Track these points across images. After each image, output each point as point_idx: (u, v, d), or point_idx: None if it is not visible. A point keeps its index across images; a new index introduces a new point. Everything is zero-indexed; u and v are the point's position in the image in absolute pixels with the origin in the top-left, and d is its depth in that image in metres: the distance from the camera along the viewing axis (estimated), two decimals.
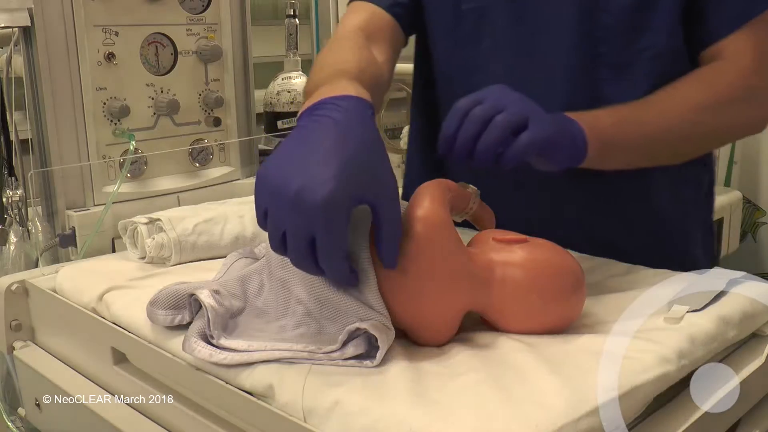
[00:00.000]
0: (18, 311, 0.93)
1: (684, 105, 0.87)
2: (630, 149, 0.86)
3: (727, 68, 0.89)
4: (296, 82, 1.71)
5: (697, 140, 0.90)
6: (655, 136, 0.86)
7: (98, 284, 0.85)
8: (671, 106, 0.87)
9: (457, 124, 0.74)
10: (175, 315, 0.72)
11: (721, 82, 0.89)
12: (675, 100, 0.87)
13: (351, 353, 0.64)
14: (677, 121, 0.87)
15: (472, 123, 0.73)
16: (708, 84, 0.89)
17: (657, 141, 0.87)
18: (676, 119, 0.87)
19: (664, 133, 0.87)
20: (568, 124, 0.79)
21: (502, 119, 0.72)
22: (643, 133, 0.85)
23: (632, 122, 0.85)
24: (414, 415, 0.55)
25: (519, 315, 0.69)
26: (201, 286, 0.71)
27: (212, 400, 0.68)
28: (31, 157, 1.14)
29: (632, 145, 0.86)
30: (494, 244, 0.71)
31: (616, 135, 0.83)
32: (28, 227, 1.16)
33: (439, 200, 0.69)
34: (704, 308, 0.72)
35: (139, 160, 1.19)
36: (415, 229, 0.67)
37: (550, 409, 0.55)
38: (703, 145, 0.94)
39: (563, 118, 0.80)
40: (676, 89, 0.88)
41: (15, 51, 1.13)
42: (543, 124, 0.74)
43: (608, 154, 0.83)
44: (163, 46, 1.21)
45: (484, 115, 0.73)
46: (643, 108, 0.87)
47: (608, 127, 0.83)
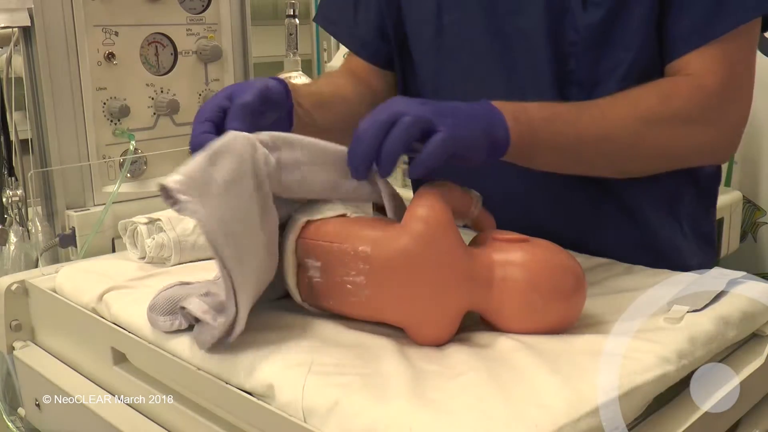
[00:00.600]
0: (18, 311, 0.93)
1: (629, 113, 0.82)
2: (560, 150, 0.80)
3: (688, 83, 0.84)
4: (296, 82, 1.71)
5: (639, 155, 0.84)
6: (589, 139, 0.81)
7: (98, 284, 0.85)
8: (615, 111, 0.82)
9: (361, 135, 0.71)
10: (173, 320, 0.72)
11: (677, 96, 0.83)
12: (621, 106, 0.82)
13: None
14: (617, 128, 0.81)
15: (374, 130, 0.69)
16: (662, 96, 0.83)
17: (591, 145, 0.81)
18: (616, 126, 0.81)
19: (600, 139, 0.81)
20: (486, 114, 0.75)
21: (404, 124, 0.68)
22: (575, 134, 0.80)
23: (566, 121, 0.80)
24: (414, 415, 0.55)
25: (519, 315, 0.69)
26: (190, 293, 0.71)
27: (212, 400, 0.68)
28: (31, 157, 1.14)
29: (562, 146, 0.80)
30: (495, 244, 0.71)
31: (544, 131, 0.78)
32: (28, 227, 1.16)
33: (441, 200, 0.69)
34: (704, 308, 0.72)
35: (139, 160, 1.19)
36: (416, 227, 0.67)
37: (550, 409, 0.55)
38: (648, 163, 0.87)
39: (479, 110, 0.75)
40: (627, 96, 0.83)
41: (15, 51, 1.13)
42: (451, 124, 0.70)
43: (535, 151, 0.78)
44: (163, 46, 1.21)
45: (384, 121, 0.69)
46: (583, 108, 0.82)
47: (537, 120, 0.78)
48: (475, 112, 0.75)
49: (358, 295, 0.69)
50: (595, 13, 0.86)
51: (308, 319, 0.75)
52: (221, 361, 0.67)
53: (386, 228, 0.70)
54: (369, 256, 0.67)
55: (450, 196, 0.71)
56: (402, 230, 0.68)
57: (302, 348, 0.68)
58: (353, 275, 0.68)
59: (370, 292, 0.68)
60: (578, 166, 0.85)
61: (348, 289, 0.69)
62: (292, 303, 0.78)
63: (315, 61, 2.94)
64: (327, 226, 0.73)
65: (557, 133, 0.80)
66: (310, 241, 0.72)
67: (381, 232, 0.69)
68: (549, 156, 0.81)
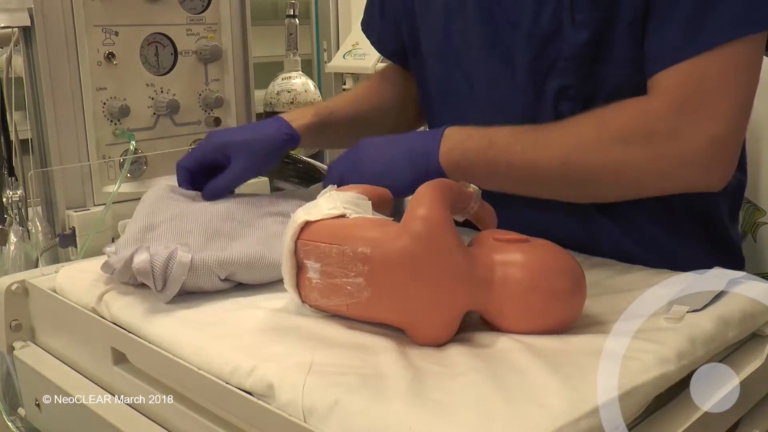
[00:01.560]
0: (18, 311, 0.93)
1: (560, 140, 0.84)
2: (493, 176, 0.87)
3: (634, 105, 0.82)
4: (296, 82, 1.71)
5: (576, 182, 0.84)
6: (519, 167, 0.85)
7: (98, 284, 0.85)
8: (547, 139, 0.84)
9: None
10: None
11: (618, 118, 0.82)
12: (554, 133, 0.85)
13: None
14: (544, 157, 0.84)
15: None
16: (602, 120, 0.83)
17: (520, 173, 0.86)
18: (543, 155, 0.84)
19: (528, 167, 0.85)
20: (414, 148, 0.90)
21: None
22: (506, 162, 0.86)
23: (499, 149, 0.86)
24: (414, 415, 0.55)
25: (519, 315, 0.69)
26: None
27: (212, 400, 0.68)
28: (31, 157, 1.14)
29: (495, 173, 0.86)
30: (495, 244, 0.71)
31: (478, 159, 0.86)
32: (28, 227, 1.16)
33: (440, 200, 0.69)
34: (704, 308, 0.72)
35: (139, 160, 1.19)
36: (415, 227, 0.67)
37: (550, 409, 0.55)
38: (587, 189, 0.86)
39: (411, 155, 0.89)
40: (567, 122, 0.86)
41: (15, 51, 1.13)
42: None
43: (471, 176, 0.82)
44: (163, 46, 1.21)
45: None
46: (519, 136, 0.86)
47: (472, 150, 0.87)
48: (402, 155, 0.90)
49: (358, 296, 0.69)
50: (582, 32, 0.86)
51: (308, 319, 0.75)
52: (221, 360, 0.67)
53: (385, 229, 0.70)
54: (368, 257, 0.67)
55: (449, 193, 0.71)
56: (401, 231, 0.68)
57: (302, 348, 0.68)
58: (353, 276, 0.68)
59: (369, 293, 0.68)
60: (522, 191, 0.89)
61: (347, 291, 0.69)
62: (292, 303, 0.78)
63: (315, 61, 2.94)
64: (326, 226, 0.73)
65: (489, 162, 0.86)
66: (309, 242, 0.72)
67: (380, 232, 0.69)
68: (487, 181, 0.84)
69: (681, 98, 0.80)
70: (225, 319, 0.76)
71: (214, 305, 0.80)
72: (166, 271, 0.78)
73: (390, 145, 0.92)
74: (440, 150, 0.88)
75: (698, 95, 0.79)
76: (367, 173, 0.89)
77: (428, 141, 0.90)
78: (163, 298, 0.79)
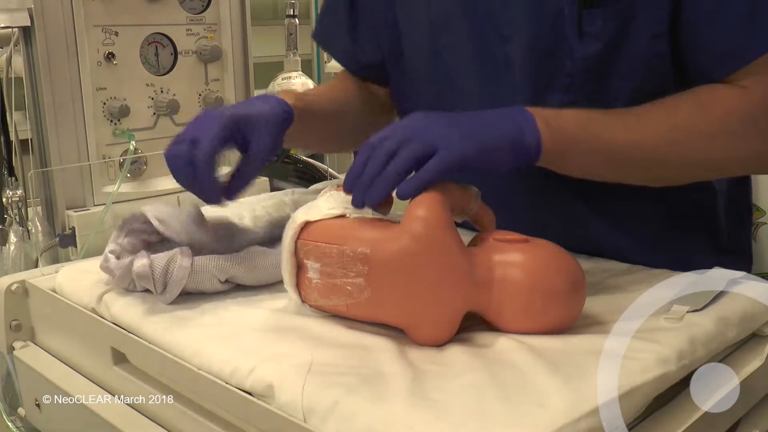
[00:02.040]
0: (18, 311, 0.93)
1: (665, 121, 0.79)
2: (593, 155, 0.80)
3: (730, 94, 0.80)
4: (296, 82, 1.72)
5: (674, 164, 0.81)
6: (623, 146, 0.79)
7: (98, 284, 0.85)
8: (650, 119, 0.80)
9: (364, 160, 0.72)
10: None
11: (718, 107, 0.79)
12: (657, 114, 0.80)
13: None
14: (651, 136, 0.79)
15: (378, 157, 0.71)
16: (702, 106, 0.80)
17: (624, 152, 0.80)
18: (650, 133, 0.79)
19: (634, 146, 0.79)
20: (515, 119, 0.75)
21: (406, 152, 0.70)
22: (609, 139, 0.79)
23: (600, 126, 0.79)
24: (414, 415, 0.55)
25: (519, 315, 0.69)
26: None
27: (212, 400, 0.68)
28: (31, 157, 1.14)
29: (595, 151, 0.79)
30: (494, 244, 0.71)
31: (577, 135, 0.78)
32: (28, 227, 1.16)
33: (440, 200, 0.69)
34: (704, 308, 0.72)
35: (139, 160, 1.19)
36: (415, 228, 0.67)
37: (550, 409, 0.55)
38: (682, 172, 0.84)
39: (508, 115, 0.76)
40: (663, 104, 0.80)
41: (15, 51, 1.13)
42: (452, 147, 0.70)
43: (568, 155, 0.78)
44: (163, 46, 1.21)
45: (389, 148, 0.71)
46: (618, 115, 0.80)
47: (570, 124, 0.78)
48: (502, 117, 0.76)
49: (358, 296, 0.69)
50: (593, 44, 0.83)
51: (308, 319, 0.75)
52: (221, 360, 0.67)
53: (385, 229, 0.70)
54: (368, 258, 0.67)
55: (449, 194, 0.71)
56: (401, 231, 0.68)
57: (302, 348, 0.68)
58: (352, 276, 0.68)
59: (369, 293, 0.68)
60: (610, 173, 0.83)
61: (347, 291, 0.69)
62: (291, 303, 0.78)
63: (315, 61, 2.94)
64: (326, 227, 0.73)
65: (591, 138, 0.79)
66: (309, 242, 0.72)
67: (380, 233, 0.69)
68: (581, 160, 0.80)
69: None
70: (225, 319, 0.76)
71: (214, 305, 0.80)
72: (166, 275, 0.78)
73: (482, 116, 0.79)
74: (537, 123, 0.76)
75: None
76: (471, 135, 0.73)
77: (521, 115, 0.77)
78: (164, 300, 0.79)
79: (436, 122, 0.73)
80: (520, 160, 0.76)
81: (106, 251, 0.85)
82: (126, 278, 0.80)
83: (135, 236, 0.85)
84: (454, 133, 0.72)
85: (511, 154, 0.75)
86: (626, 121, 0.80)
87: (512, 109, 0.77)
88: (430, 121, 0.74)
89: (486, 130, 0.74)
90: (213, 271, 0.80)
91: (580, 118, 0.79)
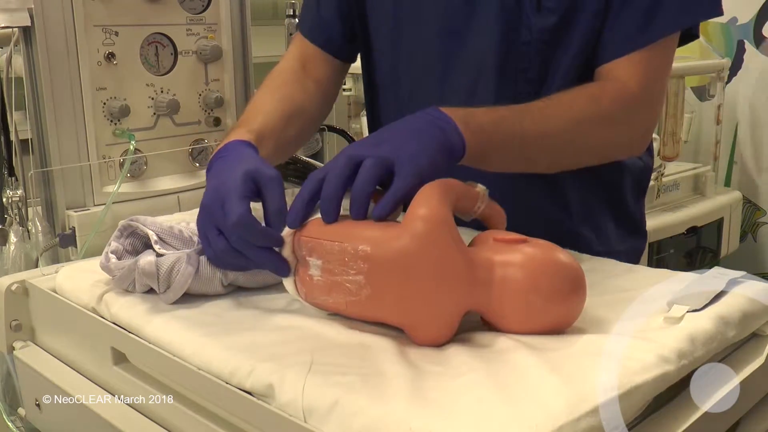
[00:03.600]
0: (18, 311, 0.93)
1: (566, 114, 0.90)
2: (508, 150, 0.86)
3: (613, 87, 0.93)
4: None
5: (573, 152, 0.93)
6: (532, 139, 0.87)
7: (98, 284, 0.85)
8: (552, 113, 0.89)
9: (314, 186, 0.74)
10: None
11: (605, 99, 0.92)
12: (556, 108, 0.90)
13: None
14: (557, 129, 0.89)
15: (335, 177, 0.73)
16: (592, 99, 0.91)
17: (534, 145, 0.88)
18: (553, 125, 0.89)
19: (543, 138, 0.88)
20: (438, 125, 0.79)
21: (368, 163, 0.73)
22: (520, 134, 0.86)
23: (511, 122, 0.86)
24: (414, 415, 0.56)
25: (519, 315, 0.69)
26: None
27: (212, 400, 0.68)
28: (31, 157, 1.14)
29: (510, 146, 0.86)
30: (494, 244, 0.71)
31: (494, 133, 0.84)
32: (28, 227, 1.16)
33: (442, 199, 0.69)
34: (704, 308, 0.72)
35: (139, 160, 1.19)
36: (416, 227, 0.67)
37: (550, 409, 0.55)
38: (578, 158, 0.96)
39: (431, 121, 0.79)
40: (561, 99, 0.91)
41: (15, 51, 1.13)
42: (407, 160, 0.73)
43: (487, 153, 0.83)
44: (163, 46, 1.21)
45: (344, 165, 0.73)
46: (524, 111, 0.88)
47: (486, 124, 0.83)
48: (427, 126, 0.79)
49: (358, 294, 0.69)
50: (549, 17, 0.94)
51: (308, 319, 0.75)
52: (221, 360, 0.67)
53: (386, 227, 0.70)
54: (369, 255, 0.67)
55: (452, 193, 0.71)
56: (402, 230, 0.68)
57: (302, 348, 0.68)
58: (353, 274, 0.68)
59: (369, 291, 0.68)
60: (522, 165, 0.91)
61: (347, 288, 0.69)
62: (292, 303, 0.78)
63: None
64: (327, 224, 0.73)
65: (505, 135, 0.85)
66: (311, 239, 0.73)
67: (381, 231, 0.69)
68: (498, 155, 0.86)
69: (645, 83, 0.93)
70: (225, 319, 0.76)
71: (215, 305, 0.80)
72: (170, 277, 0.78)
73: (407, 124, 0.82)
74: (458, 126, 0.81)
75: (653, 81, 0.94)
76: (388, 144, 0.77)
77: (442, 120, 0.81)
78: (165, 300, 0.79)
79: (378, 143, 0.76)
80: (449, 163, 0.79)
81: (106, 251, 0.85)
82: (126, 279, 0.80)
83: (136, 238, 0.86)
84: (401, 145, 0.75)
85: (444, 158, 0.77)
86: (532, 115, 0.88)
87: (430, 113, 0.80)
88: (371, 143, 0.76)
89: (423, 142, 0.77)
90: (217, 276, 0.81)
91: (492, 115, 0.85)
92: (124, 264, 0.81)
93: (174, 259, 0.79)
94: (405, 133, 0.78)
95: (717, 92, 2.26)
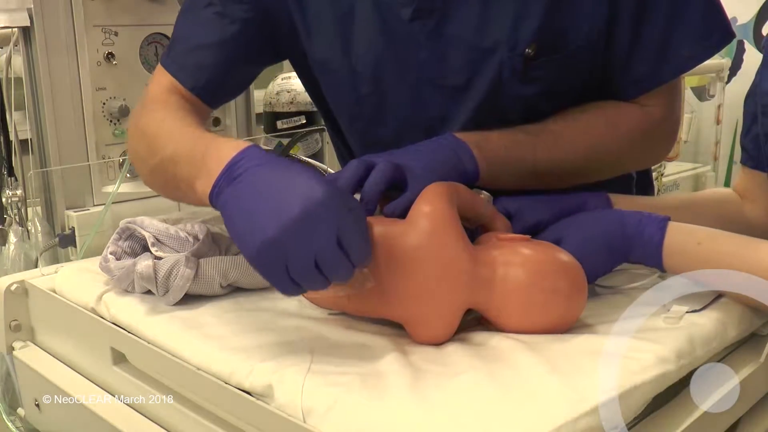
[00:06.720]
0: (17, 311, 0.93)
1: (582, 140, 0.90)
2: (519, 174, 0.87)
3: (632, 113, 0.92)
4: (296, 82, 1.71)
5: (586, 174, 0.92)
6: (545, 164, 0.88)
7: (98, 284, 0.85)
8: (569, 140, 0.89)
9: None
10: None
11: (624, 124, 0.92)
12: (574, 132, 0.90)
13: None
14: (572, 155, 0.89)
15: (349, 174, 0.74)
16: (610, 125, 0.91)
17: (546, 169, 0.89)
18: (571, 152, 0.89)
19: (557, 162, 0.89)
20: (453, 150, 0.82)
21: (380, 166, 0.74)
22: (532, 159, 0.87)
23: (524, 148, 0.87)
24: (414, 414, 0.55)
25: (520, 314, 0.69)
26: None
27: (212, 400, 0.68)
28: (31, 157, 1.14)
29: (521, 171, 0.87)
30: (497, 243, 0.71)
31: (506, 158, 0.85)
32: (27, 227, 1.16)
33: (446, 198, 0.69)
34: (704, 308, 0.72)
35: None
36: (420, 224, 0.67)
37: (549, 409, 0.55)
38: (591, 178, 0.94)
39: (446, 145, 0.82)
40: (578, 122, 0.90)
41: (15, 51, 1.13)
42: (420, 174, 0.75)
43: (497, 176, 0.85)
44: (163, 46, 1.21)
45: (357, 165, 0.74)
46: (538, 135, 0.88)
47: (499, 149, 0.85)
48: (441, 149, 0.82)
49: (360, 287, 0.68)
50: (534, 87, 0.89)
51: (308, 319, 0.75)
52: (220, 360, 0.67)
53: (391, 223, 0.70)
54: (373, 248, 0.67)
55: (457, 195, 0.71)
56: (405, 226, 0.68)
57: (302, 348, 0.68)
58: None
59: (371, 283, 0.68)
60: (534, 185, 0.90)
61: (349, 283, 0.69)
62: (292, 303, 0.78)
63: None
64: None
65: (517, 159, 0.87)
66: None
67: (385, 226, 0.69)
68: (510, 179, 0.87)
69: (669, 110, 0.94)
70: (225, 319, 0.76)
71: (214, 306, 0.80)
72: (168, 279, 0.78)
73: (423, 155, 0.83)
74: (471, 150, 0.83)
75: (675, 106, 0.95)
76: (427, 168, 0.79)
77: (456, 145, 0.83)
78: (166, 302, 0.79)
79: (392, 153, 0.79)
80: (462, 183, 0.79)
81: (106, 251, 0.85)
82: (126, 279, 0.80)
83: (134, 240, 0.85)
84: (416, 159, 0.78)
85: (455, 178, 0.79)
86: (546, 141, 0.89)
87: (446, 138, 0.83)
88: (386, 153, 0.79)
89: (436, 163, 0.79)
90: (216, 278, 0.80)
91: (505, 140, 0.87)
92: (124, 264, 0.81)
93: (172, 262, 0.79)
94: (420, 151, 0.81)
95: (717, 92, 2.27)
